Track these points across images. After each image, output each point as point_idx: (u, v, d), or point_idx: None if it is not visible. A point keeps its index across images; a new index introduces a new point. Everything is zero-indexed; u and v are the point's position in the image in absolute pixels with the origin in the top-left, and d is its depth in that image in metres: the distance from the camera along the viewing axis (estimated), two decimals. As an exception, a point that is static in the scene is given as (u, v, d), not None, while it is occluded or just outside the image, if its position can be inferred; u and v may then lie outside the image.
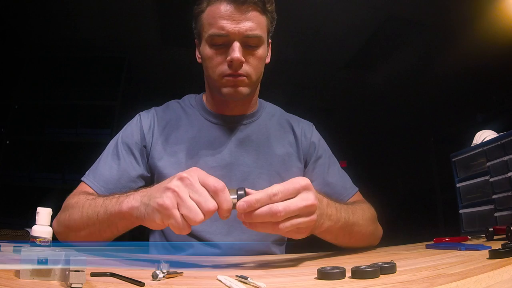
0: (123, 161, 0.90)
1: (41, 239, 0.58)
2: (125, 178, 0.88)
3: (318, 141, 1.05)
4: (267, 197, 0.57)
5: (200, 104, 1.00)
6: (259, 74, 0.92)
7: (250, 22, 0.84)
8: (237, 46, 0.83)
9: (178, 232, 0.56)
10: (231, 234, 0.88)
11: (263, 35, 0.88)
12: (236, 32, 0.83)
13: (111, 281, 0.45)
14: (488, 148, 1.22)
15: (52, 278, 0.42)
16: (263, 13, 0.87)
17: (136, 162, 0.91)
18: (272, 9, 0.89)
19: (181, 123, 0.97)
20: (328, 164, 1.02)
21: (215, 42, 0.85)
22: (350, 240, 0.82)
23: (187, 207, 0.54)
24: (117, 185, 0.87)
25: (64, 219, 0.79)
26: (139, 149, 0.92)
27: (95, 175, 0.88)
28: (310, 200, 0.59)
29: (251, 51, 0.87)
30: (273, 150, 0.97)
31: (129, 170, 0.89)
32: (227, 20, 0.83)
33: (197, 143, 0.93)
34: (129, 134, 0.94)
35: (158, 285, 0.44)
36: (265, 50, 0.91)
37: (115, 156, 0.91)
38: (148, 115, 0.97)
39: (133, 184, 0.89)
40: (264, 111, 1.03)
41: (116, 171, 0.88)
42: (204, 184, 0.57)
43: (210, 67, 0.88)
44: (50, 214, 0.59)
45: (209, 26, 0.85)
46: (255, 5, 0.84)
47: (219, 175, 0.92)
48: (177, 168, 0.90)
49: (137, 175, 0.90)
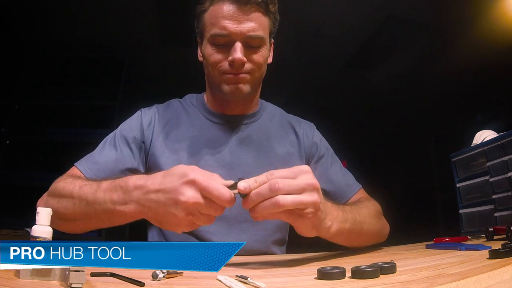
0: (120, 152, 0.90)
1: (41, 239, 0.58)
2: (118, 170, 0.88)
3: (320, 140, 1.05)
4: (264, 176, 0.59)
5: (201, 104, 1.00)
6: (260, 74, 0.92)
7: (253, 23, 0.84)
8: (239, 46, 0.83)
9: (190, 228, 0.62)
10: (230, 234, 0.88)
11: (265, 36, 0.88)
12: (238, 33, 0.83)
13: (111, 281, 0.45)
14: (488, 148, 1.22)
15: (52, 278, 0.42)
16: (266, 14, 0.87)
17: (132, 156, 0.91)
18: (275, 10, 0.89)
19: (182, 121, 0.97)
20: (330, 162, 1.03)
21: (217, 42, 0.85)
22: (361, 239, 0.82)
23: (202, 221, 0.60)
24: (110, 174, 0.86)
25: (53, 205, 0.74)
26: (137, 144, 0.92)
27: (89, 162, 0.88)
28: (310, 179, 0.60)
29: (253, 52, 0.87)
30: (274, 150, 0.97)
31: (123, 161, 0.89)
32: (229, 20, 0.83)
33: (198, 142, 0.93)
34: (128, 128, 0.94)
35: (158, 285, 0.44)
36: (267, 50, 0.91)
37: (112, 146, 0.91)
38: (149, 112, 0.97)
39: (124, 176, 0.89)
40: (265, 112, 1.03)
41: (111, 161, 0.88)
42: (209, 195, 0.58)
43: (211, 66, 0.88)
44: (50, 214, 0.59)
45: (212, 26, 0.85)
46: (258, 6, 0.84)
47: (219, 175, 0.92)
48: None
49: (131, 167, 0.89)
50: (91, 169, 0.86)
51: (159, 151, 0.92)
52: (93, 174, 0.86)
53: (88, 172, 0.86)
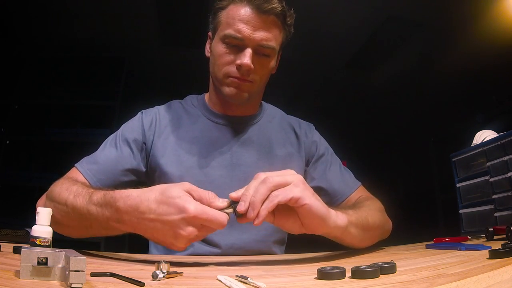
0: (120, 152, 0.90)
1: (41, 239, 0.58)
2: (118, 171, 0.88)
3: (319, 140, 1.06)
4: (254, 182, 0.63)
5: (202, 104, 1.00)
6: (263, 83, 0.93)
7: (267, 32, 0.84)
8: (249, 52, 0.84)
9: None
10: (231, 234, 0.88)
11: (276, 48, 0.88)
12: (251, 39, 0.83)
13: (111, 281, 0.45)
14: (488, 148, 1.22)
15: (52, 278, 0.42)
16: (281, 26, 0.87)
17: (132, 156, 0.91)
18: (291, 23, 0.90)
19: (183, 122, 0.97)
20: (330, 162, 1.03)
21: (229, 42, 0.86)
22: (366, 237, 0.82)
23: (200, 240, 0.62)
24: (109, 176, 0.86)
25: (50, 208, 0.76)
26: (138, 145, 0.92)
27: (89, 162, 0.88)
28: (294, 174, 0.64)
29: (261, 60, 0.87)
30: (274, 151, 0.98)
31: (123, 162, 0.89)
32: (245, 25, 0.83)
33: (199, 143, 0.93)
34: (129, 129, 0.94)
35: (158, 285, 0.44)
36: (275, 61, 0.92)
37: (112, 147, 0.91)
38: (150, 113, 0.98)
39: (125, 177, 0.89)
40: (265, 113, 1.04)
41: (110, 161, 0.88)
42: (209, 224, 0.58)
43: (218, 65, 0.88)
44: (50, 214, 0.59)
45: (227, 25, 0.85)
46: (276, 17, 0.85)
47: (220, 175, 0.92)
48: (179, 167, 0.90)
49: (130, 168, 0.90)
50: (90, 170, 0.86)
51: (160, 152, 0.92)
52: (92, 175, 0.86)
53: (88, 173, 0.86)
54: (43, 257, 0.42)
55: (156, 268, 0.48)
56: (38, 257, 0.41)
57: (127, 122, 0.98)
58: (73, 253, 0.42)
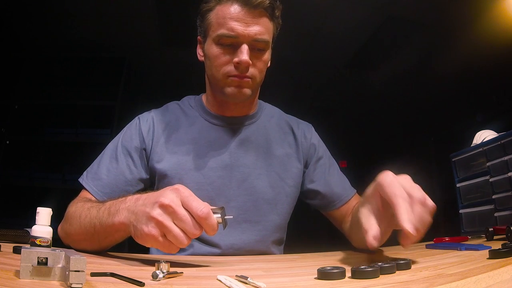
0: (121, 164, 0.90)
1: (41, 239, 0.58)
2: (123, 182, 0.89)
3: (318, 142, 1.06)
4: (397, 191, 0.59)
5: (199, 105, 1.00)
6: (262, 77, 0.92)
7: (260, 26, 0.85)
8: (246, 48, 0.84)
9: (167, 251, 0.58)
10: (231, 234, 0.88)
11: (270, 40, 0.89)
12: (246, 35, 0.83)
13: (111, 281, 0.45)
14: (488, 148, 1.22)
15: (52, 278, 0.42)
16: (271, 19, 0.88)
17: (134, 166, 0.91)
18: (279, 15, 0.90)
19: (180, 124, 0.97)
20: (328, 165, 1.04)
21: (223, 42, 0.85)
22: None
23: (173, 236, 0.56)
24: (115, 189, 0.87)
25: (66, 228, 0.80)
26: (139, 152, 0.92)
27: (94, 179, 0.88)
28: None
29: (257, 55, 0.87)
30: (272, 151, 0.98)
31: (126, 173, 0.89)
32: (237, 22, 0.83)
33: (197, 144, 0.93)
34: (128, 138, 0.94)
35: (158, 285, 0.44)
36: (269, 55, 0.92)
37: (113, 160, 0.91)
38: (147, 118, 0.97)
39: (130, 187, 0.89)
40: (263, 113, 1.03)
41: (113, 175, 0.89)
42: (188, 209, 0.57)
43: (215, 67, 0.88)
44: (50, 214, 0.59)
45: (218, 26, 0.85)
46: (265, 10, 0.85)
47: (219, 176, 0.92)
48: (177, 169, 0.90)
49: (134, 178, 0.90)
50: (96, 186, 0.88)
51: (159, 155, 0.92)
52: (98, 191, 0.87)
53: (94, 189, 0.87)
54: (43, 257, 0.42)
55: (156, 268, 0.48)
56: (38, 257, 0.42)
57: (125, 130, 0.97)
58: (73, 253, 0.42)
